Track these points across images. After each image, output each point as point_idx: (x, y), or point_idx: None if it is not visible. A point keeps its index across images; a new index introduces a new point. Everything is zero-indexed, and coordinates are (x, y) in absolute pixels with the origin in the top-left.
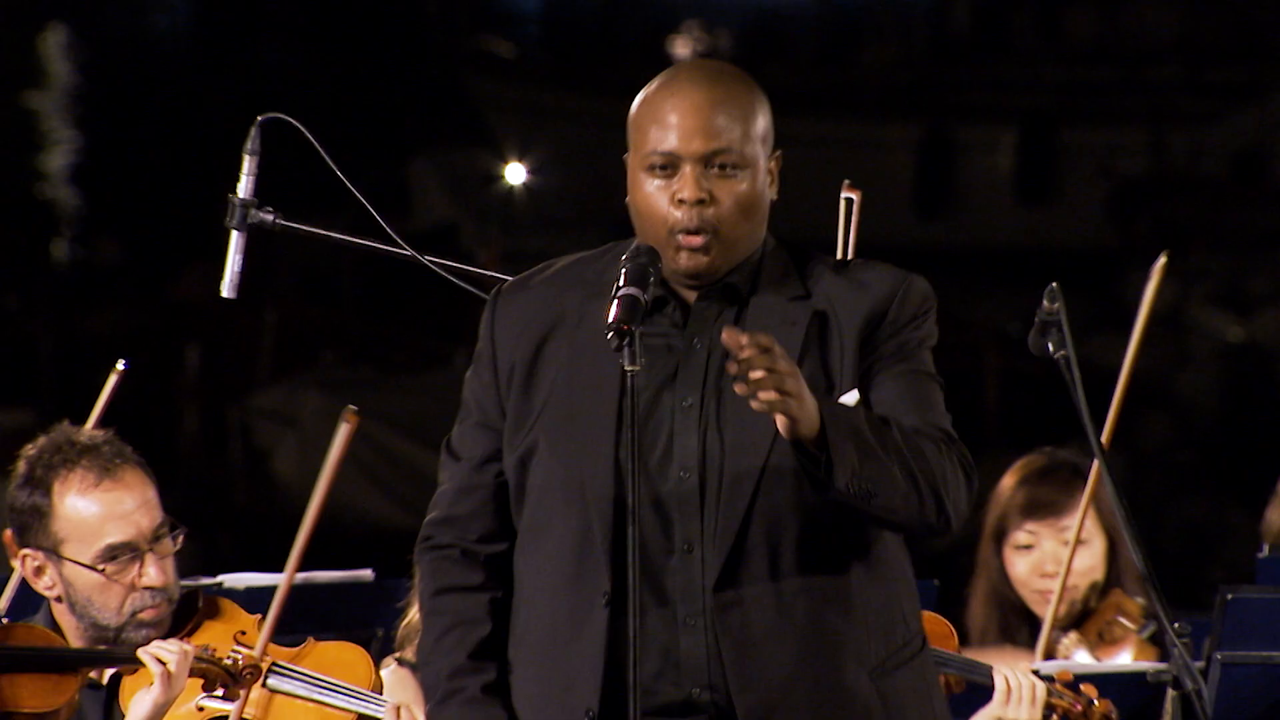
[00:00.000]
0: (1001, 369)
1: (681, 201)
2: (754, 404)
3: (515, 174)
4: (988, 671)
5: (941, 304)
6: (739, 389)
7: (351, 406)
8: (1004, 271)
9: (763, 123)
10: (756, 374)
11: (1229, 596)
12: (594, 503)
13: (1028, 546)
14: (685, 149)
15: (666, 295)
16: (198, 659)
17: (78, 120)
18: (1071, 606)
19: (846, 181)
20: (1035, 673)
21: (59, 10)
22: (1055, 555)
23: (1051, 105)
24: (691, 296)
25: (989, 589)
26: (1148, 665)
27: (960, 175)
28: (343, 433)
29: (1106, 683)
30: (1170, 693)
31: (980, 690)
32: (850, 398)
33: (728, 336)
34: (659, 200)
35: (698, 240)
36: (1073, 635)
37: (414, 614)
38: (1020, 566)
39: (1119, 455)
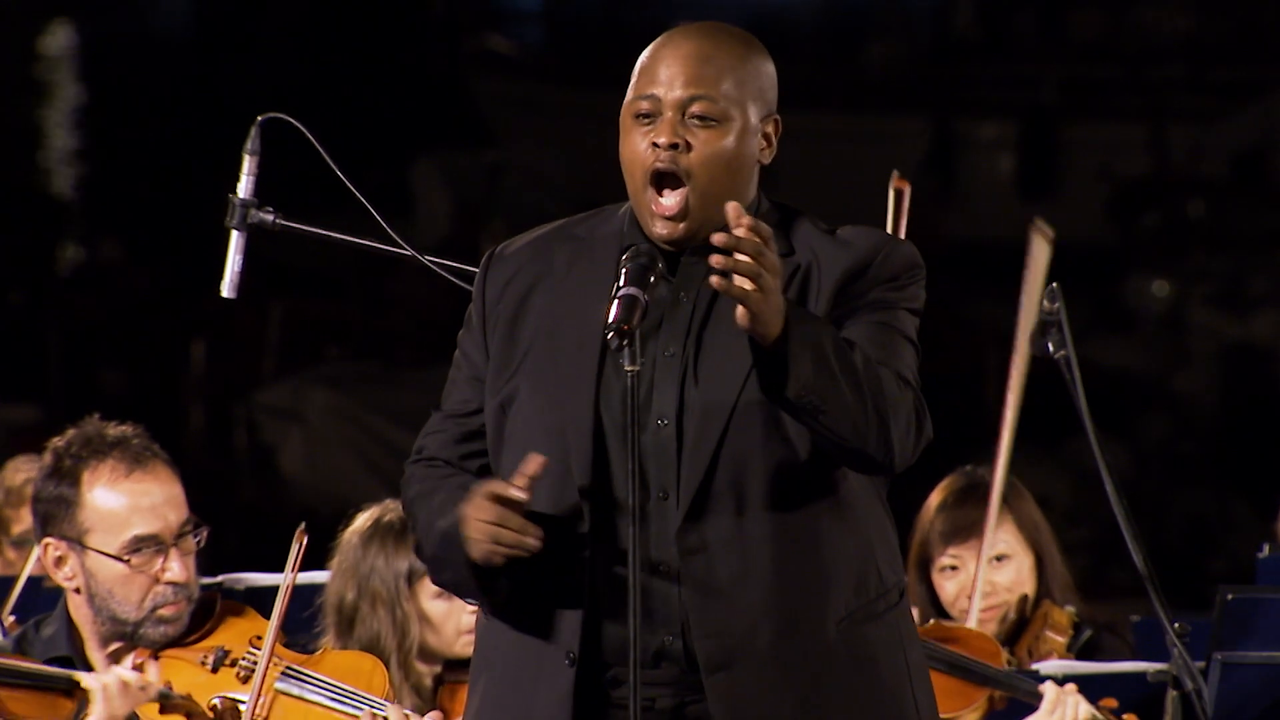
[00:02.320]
0: (1001, 367)
1: (656, 145)
2: (715, 280)
3: None
4: (1034, 688)
5: (942, 299)
6: (716, 262)
7: (302, 524)
8: (1005, 268)
9: (757, 81)
10: (743, 259)
11: (1229, 596)
12: (574, 445)
13: (953, 568)
14: (665, 95)
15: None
16: (173, 697)
17: (79, 119)
18: (1004, 622)
19: (895, 173)
20: (1036, 678)
21: (60, 10)
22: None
23: (1054, 103)
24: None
25: (918, 614)
26: (1148, 665)
27: (962, 172)
28: (294, 552)
29: (1106, 683)
30: (1170, 693)
31: (1022, 706)
32: None
33: (732, 210)
34: (638, 145)
35: (671, 204)
36: (1003, 655)
37: None
38: (949, 589)
39: (1120, 452)
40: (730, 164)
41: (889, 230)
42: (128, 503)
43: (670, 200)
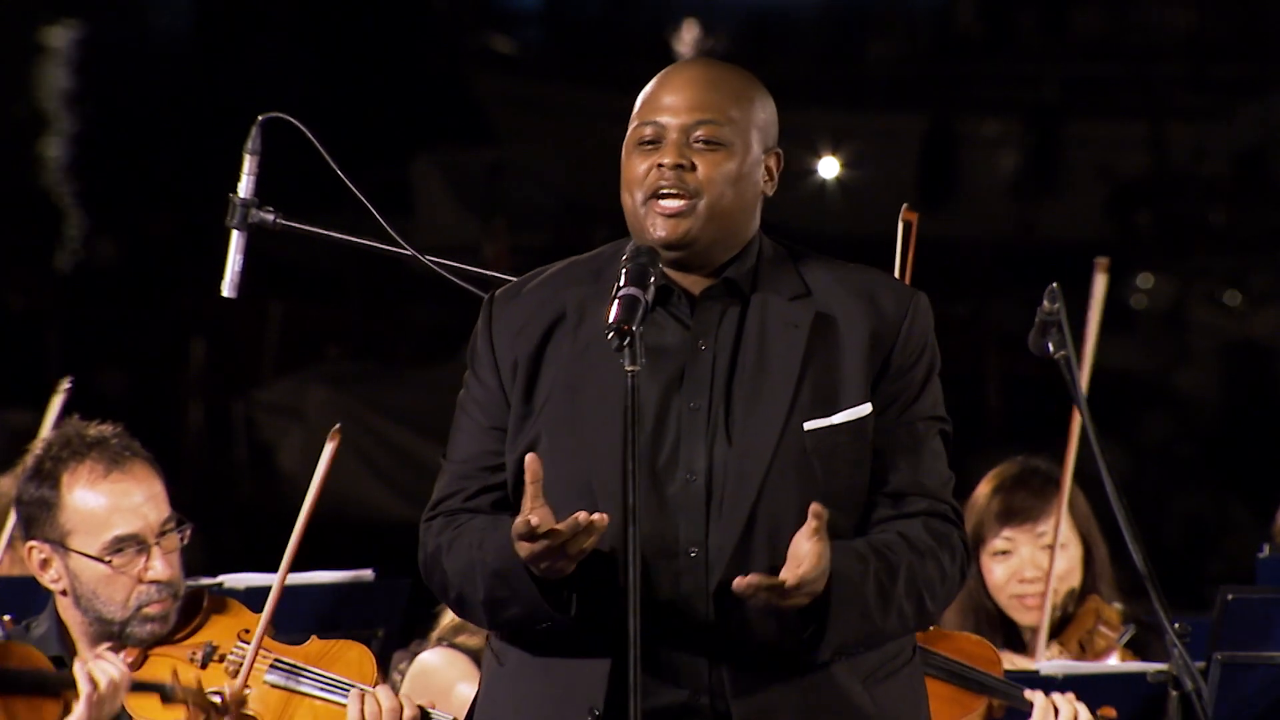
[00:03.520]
0: (1002, 366)
1: (661, 167)
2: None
3: (828, 168)
4: (1022, 693)
5: (942, 296)
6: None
7: (336, 425)
8: (1007, 267)
9: (760, 113)
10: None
11: (1229, 597)
12: (603, 501)
13: (1005, 552)
14: (671, 120)
15: (671, 286)
16: (175, 690)
17: (78, 120)
18: (1051, 613)
19: (905, 205)
20: (1036, 678)
21: (59, 10)
22: (1033, 560)
23: (1056, 100)
24: (695, 290)
25: (964, 596)
26: (1148, 665)
27: (963, 170)
28: (328, 452)
29: (1107, 683)
30: (1170, 693)
31: (1020, 715)
32: (862, 410)
33: (741, 587)
34: (639, 168)
35: (674, 205)
36: (1054, 648)
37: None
38: (998, 573)
39: (1120, 452)
40: (735, 186)
41: (898, 261)
42: (107, 503)
43: (673, 202)
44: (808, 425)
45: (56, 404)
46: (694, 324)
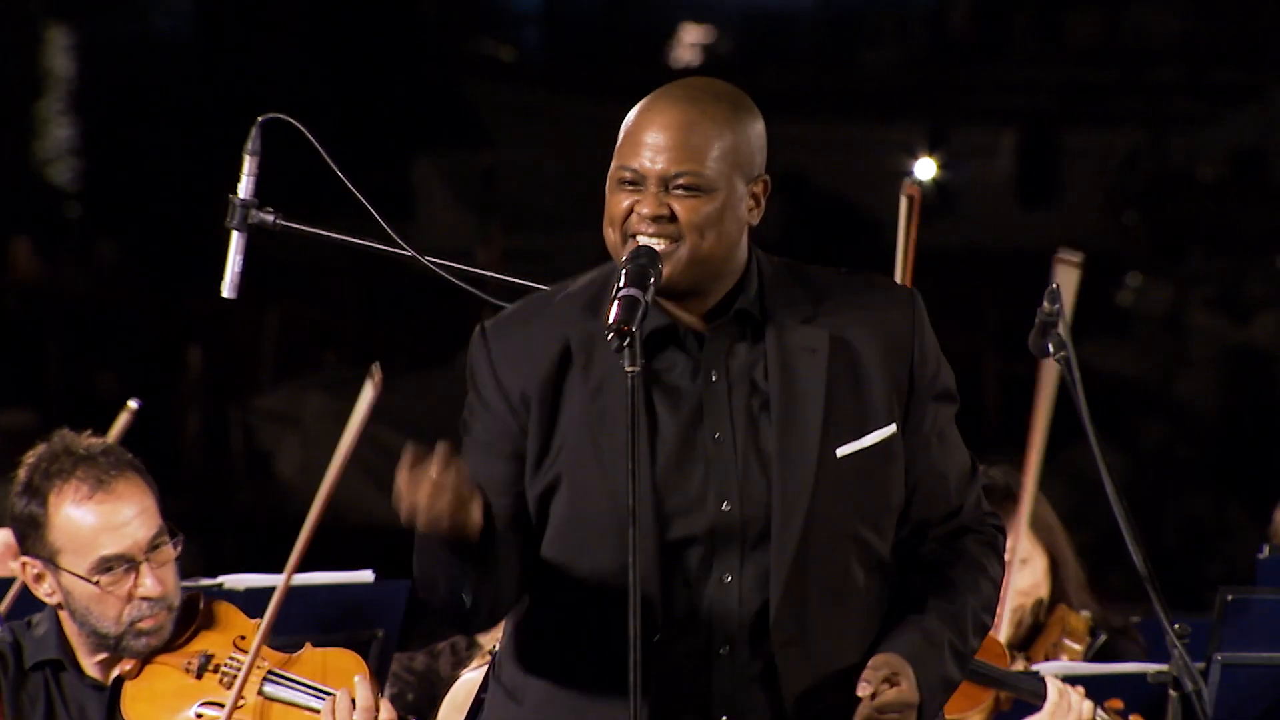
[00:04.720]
0: (1001, 368)
1: (642, 216)
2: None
3: (925, 169)
4: (1038, 688)
5: (941, 306)
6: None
7: (375, 364)
8: (1005, 272)
9: (743, 146)
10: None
11: (1229, 597)
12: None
13: None
14: (649, 168)
15: (677, 326)
16: None
17: (78, 121)
18: (1019, 626)
19: (907, 181)
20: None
21: (59, 11)
22: None
23: (1052, 107)
24: (700, 324)
25: None
26: (1148, 666)
27: (960, 177)
28: (367, 395)
29: (1107, 684)
30: (1171, 694)
31: (1027, 707)
32: (888, 431)
33: (865, 693)
34: (621, 205)
35: (654, 244)
36: (1020, 662)
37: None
38: None
39: (1118, 455)
40: (717, 226)
41: (901, 237)
42: (93, 523)
43: (655, 243)
44: (840, 450)
45: (122, 423)
46: (702, 357)
